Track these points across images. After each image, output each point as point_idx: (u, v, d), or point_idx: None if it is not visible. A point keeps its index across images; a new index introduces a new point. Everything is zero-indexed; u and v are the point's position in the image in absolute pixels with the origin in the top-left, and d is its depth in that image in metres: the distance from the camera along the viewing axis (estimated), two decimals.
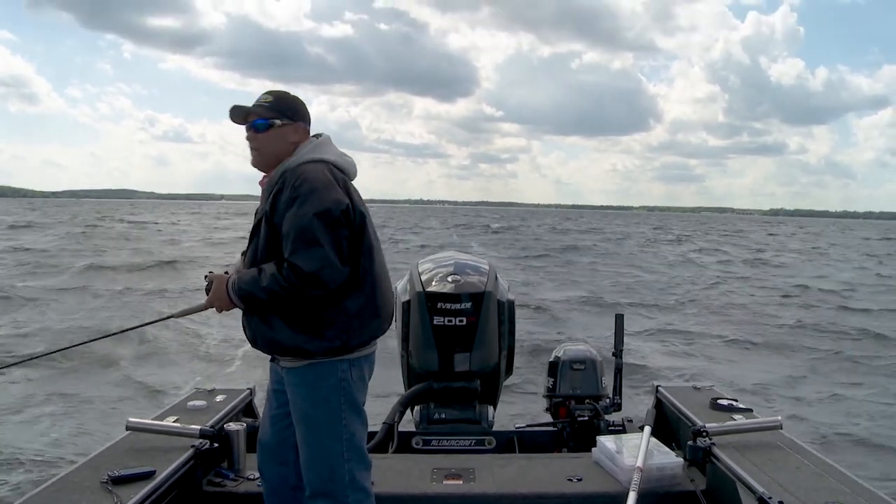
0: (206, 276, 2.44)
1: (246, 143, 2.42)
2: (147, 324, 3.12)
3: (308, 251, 2.18)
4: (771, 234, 57.44)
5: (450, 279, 3.59)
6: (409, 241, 33.05)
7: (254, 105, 2.39)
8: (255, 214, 2.42)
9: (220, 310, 2.40)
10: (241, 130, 2.42)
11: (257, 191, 2.43)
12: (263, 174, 2.43)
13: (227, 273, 2.43)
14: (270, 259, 2.28)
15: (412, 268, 3.80)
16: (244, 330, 2.44)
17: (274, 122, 2.37)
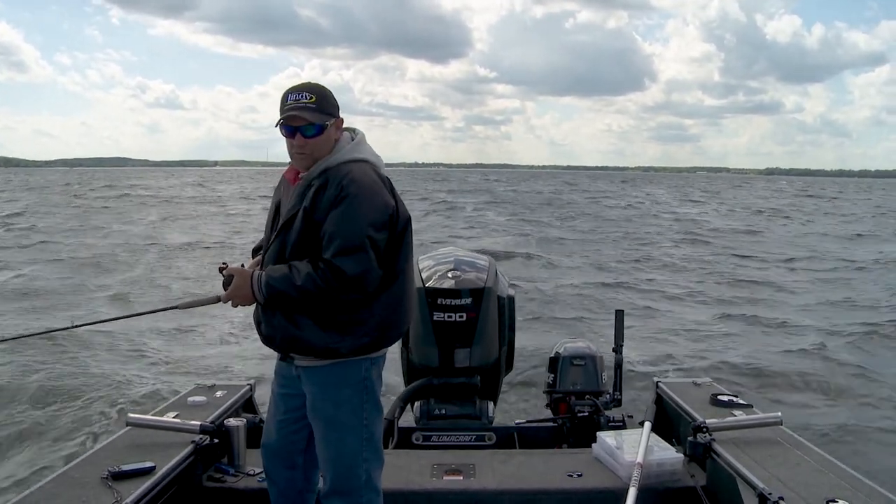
0: (221, 269, 2.35)
1: (237, 108, 2.34)
2: (146, 313, 3.07)
3: (354, 255, 2.14)
4: None
5: (450, 275, 3.60)
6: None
7: (298, 107, 2.24)
8: (278, 209, 2.36)
9: (237, 305, 2.32)
10: (234, 96, 2.31)
11: (251, 156, 2.36)
12: (288, 167, 2.38)
13: (243, 266, 2.37)
14: (301, 256, 2.21)
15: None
16: (257, 327, 2.38)
17: (326, 124, 2.26)
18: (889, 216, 36.06)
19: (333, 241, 2.16)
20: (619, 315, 3.97)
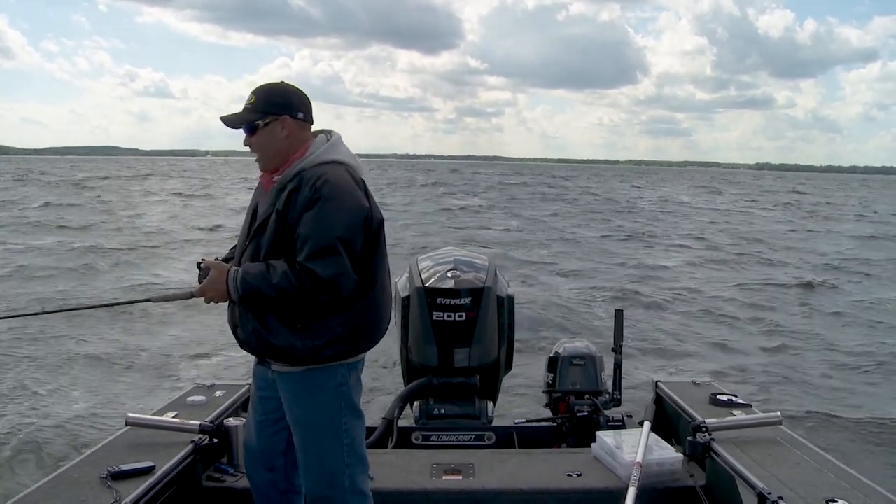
0: (198, 264, 2.33)
1: (227, 98, 2.37)
2: (120, 303, 3.02)
3: (327, 258, 2.12)
4: None
5: (449, 275, 3.60)
6: None
7: (242, 110, 2.30)
8: (254, 211, 2.35)
9: (209, 300, 2.27)
10: (224, 86, 2.35)
11: (242, 146, 2.34)
12: (263, 172, 2.36)
13: (217, 259, 2.36)
14: (275, 258, 2.20)
15: (412, 263, 3.80)
16: (233, 330, 2.34)
17: (257, 123, 2.27)
18: None
19: (306, 243, 2.14)
20: (619, 314, 3.97)
